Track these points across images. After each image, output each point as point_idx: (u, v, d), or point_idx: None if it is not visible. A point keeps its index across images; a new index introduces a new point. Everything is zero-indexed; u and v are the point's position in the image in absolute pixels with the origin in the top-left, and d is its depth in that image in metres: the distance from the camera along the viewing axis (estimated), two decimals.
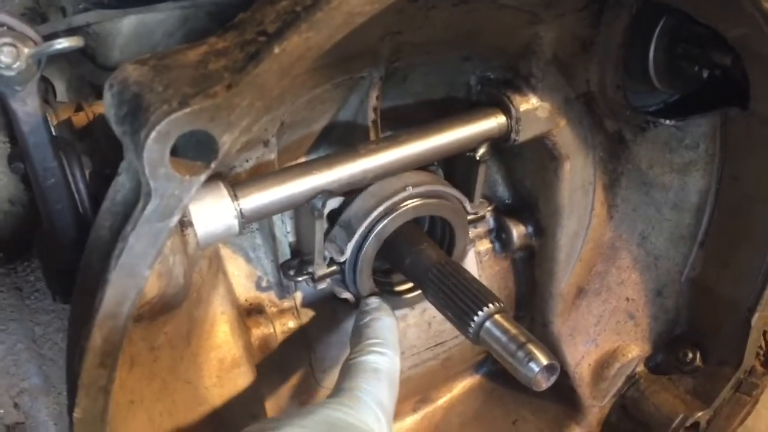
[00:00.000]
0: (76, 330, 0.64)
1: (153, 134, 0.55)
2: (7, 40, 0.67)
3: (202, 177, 0.58)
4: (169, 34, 1.28)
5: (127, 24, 1.25)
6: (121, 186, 0.65)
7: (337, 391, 0.89)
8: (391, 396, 0.88)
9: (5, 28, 0.69)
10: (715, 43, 0.99)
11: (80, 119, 1.26)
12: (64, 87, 1.44)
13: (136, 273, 0.58)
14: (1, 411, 1.11)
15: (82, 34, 1.38)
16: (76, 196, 0.77)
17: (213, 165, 0.57)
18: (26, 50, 0.68)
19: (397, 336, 0.97)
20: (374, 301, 1.03)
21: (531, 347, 0.85)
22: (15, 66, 0.68)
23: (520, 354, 0.86)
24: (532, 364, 0.85)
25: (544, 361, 0.85)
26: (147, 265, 0.58)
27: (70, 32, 1.39)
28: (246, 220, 0.87)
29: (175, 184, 0.57)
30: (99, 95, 1.34)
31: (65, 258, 0.80)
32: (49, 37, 1.18)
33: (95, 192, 0.82)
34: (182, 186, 0.58)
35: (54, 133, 0.79)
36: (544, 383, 0.86)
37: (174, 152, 0.58)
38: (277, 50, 0.57)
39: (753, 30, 0.88)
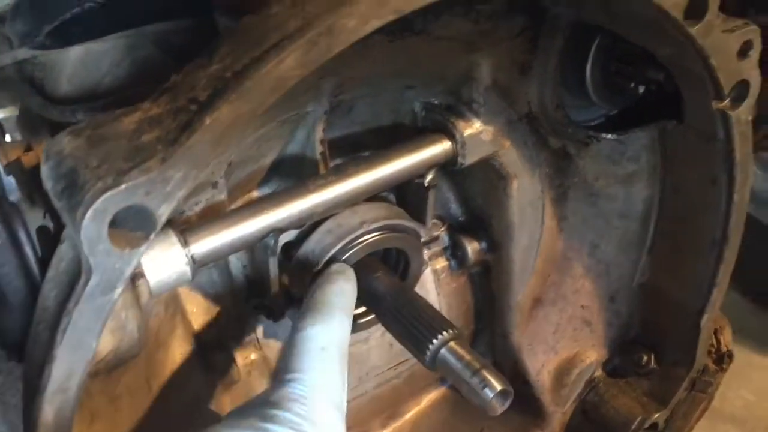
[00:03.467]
0: (30, 400, 0.65)
1: (89, 213, 0.56)
2: None
3: (142, 248, 0.59)
4: (116, 63, 1.29)
5: (74, 54, 1.25)
6: (64, 254, 0.66)
7: (281, 379, 0.81)
8: (343, 378, 0.83)
9: None
10: (648, 60, 1.02)
11: (30, 159, 1.26)
12: (13, 120, 1.43)
13: (83, 346, 0.59)
14: None
15: (28, 66, 1.37)
16: (25, 258, 0.78)
17: (152, 236, 0.59)
18: None
19: (352, 302, 0.92)
20: (337, 266, 0.98)
21: (485, 374, 0.88)
22: None
23: (475, 380, 0.89)
24: (487, 390, 0.87)
25: (498, 387, 0.87)
26: (94, 337, 0.59)
27: (17, 65, 1.39)
28: (198, 265, 0.88)
29: (115, 258, 0.58)
30: (49, 129, 1.34)
31: (16, 320, 0.81)
32: None
33: (43, 251, 0.83)
34: (123, 259, 0.59)
35: None
36: (499, 408, 0.89)
37: (113, 223, 0.59)
38: (208, 121, 0.58)
39: (679, 49, 0.91)
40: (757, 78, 0.97)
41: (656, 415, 1.26)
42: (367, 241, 1.03)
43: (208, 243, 0.89)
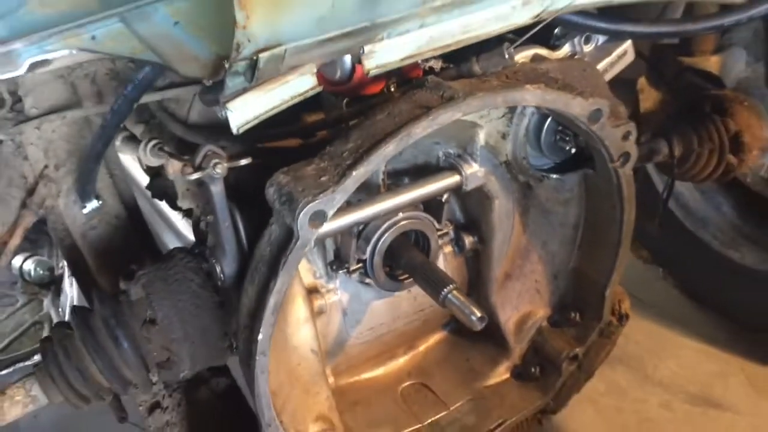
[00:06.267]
0: (248, 315, 1.33)
1: (303, 211, 1.24)
2: (217, 160, 1.34)
3: (320, 230, 1.27)
4: None
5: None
6: (273, 230, 1.34)
7: None
8: None
9: (211, 152, 1.36)
10: (576, 134, 1.69)
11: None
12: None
13: (289, 274, 1.26)
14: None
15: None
16: (238, 230, 1.46)
17: (325, 226, 1.27)
18: (225, 164, 1.36)
19: None
20: None
21: (472, 306, 1.39)
22: (221, 172, 1.35)
23: (467, 311, 1.41)
24: (473, 316, 1.39)
25: (478, 314, 1.38)
26: (294, 271, 1.27)
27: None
28: (316, 241, 1.55)
29: (310, 233, 1.26)
30: (180, 147, 1.77)
31: (230, 264, 1.50)
32: None
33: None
34: (312, 233, 1.27)
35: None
36: (479, 326, 1.39)
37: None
38: (353, 174, 1.27)
39: (588, 135, 1.57)
40: (635, 151, 1.49)
41: (577, 350, 1.74)
42: (401, 223, 1.53)
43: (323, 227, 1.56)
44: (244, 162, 1.35)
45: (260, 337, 1.31)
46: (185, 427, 1.83)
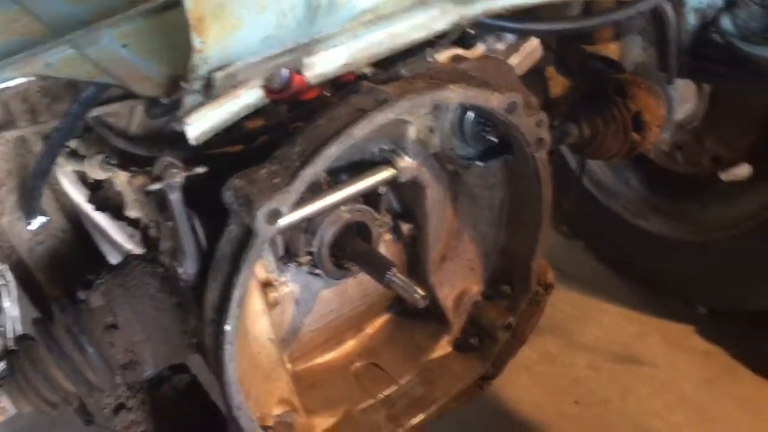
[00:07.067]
0: (213, 310, 1.46)
1: (261, 211, 1.37)
2: (175, 170, 1.45)
3: (276, 225, 1.40)
4: None
5: (139, 108, 1.95)
6: (232, 230, 1.46)
7: None
8: None
9: (169, 163, 1.47)
10: (496, 125, 1.88)
11: (140, 181, 1.98)
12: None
13: (249, 270, 1.40)
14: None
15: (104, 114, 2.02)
16: (197, 232, 1.57)
17: (280, 221, 1.40)
18: (183, 174, 1.47)
19: None
20: None
21: (414, 286, 1.54)
22: (180, 181, 1.46)
23: (410, 290, 1.54)
24: (416, 294, 1.52)
25: (421, 293, 1.51)
26: (253, 266, 1.40)
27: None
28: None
29: (266, 229, 1.39)
30: (122, 158, 1.87)
31: (190, 265, 1.61)
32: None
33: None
34: (268, 230, 1.40)
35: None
36: (422, 303, 1.52)
37: None
38: (302, 174, 1.40)
39: (507, 125, 1.77)
40: (548, 136, 1.65)
41: (510, 319, 1.89)
42: (344, 216, 1.62)
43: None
44: (200, 170, 1.46)
45: (228, 328, 1.43)
46: (150, 424, 1.93)
